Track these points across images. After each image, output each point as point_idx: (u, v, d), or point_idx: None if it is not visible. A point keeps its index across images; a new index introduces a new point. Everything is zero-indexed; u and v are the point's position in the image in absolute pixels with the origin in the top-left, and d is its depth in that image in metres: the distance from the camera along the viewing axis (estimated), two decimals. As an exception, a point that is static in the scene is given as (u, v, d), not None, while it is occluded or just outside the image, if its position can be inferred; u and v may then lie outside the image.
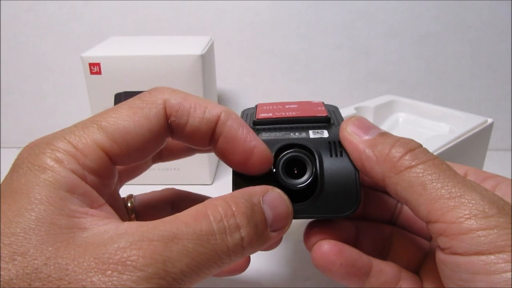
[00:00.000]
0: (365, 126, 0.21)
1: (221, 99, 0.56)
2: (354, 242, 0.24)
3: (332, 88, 0.57)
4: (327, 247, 0.21)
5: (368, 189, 0.25)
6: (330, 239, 0.22)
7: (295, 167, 0.21)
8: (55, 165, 0.17)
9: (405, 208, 0.25)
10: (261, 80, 0.56)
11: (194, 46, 0.40)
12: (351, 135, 0.21)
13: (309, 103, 0.26)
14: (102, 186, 0.18)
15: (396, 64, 0.55)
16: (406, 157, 0.19)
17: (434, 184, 0.17)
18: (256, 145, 0.20)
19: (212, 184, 0.45)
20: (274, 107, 0.26)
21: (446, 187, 0.17)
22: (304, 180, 0.21)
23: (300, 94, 0.57)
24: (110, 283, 0.14)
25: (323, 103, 0.26)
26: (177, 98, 0.20)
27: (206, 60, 0.40)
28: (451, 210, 0.17)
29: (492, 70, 0.54)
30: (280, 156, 0.21)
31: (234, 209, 0.17)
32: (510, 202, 0.19)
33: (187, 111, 0.20)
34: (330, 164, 0.21)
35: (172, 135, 0.21)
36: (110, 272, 0.14)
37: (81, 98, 0.53)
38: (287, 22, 0.53)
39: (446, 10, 0.52)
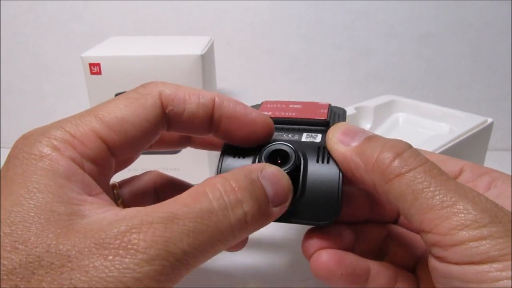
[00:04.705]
0: (351, 132, 0.21)
1: (221, 99, 0.56)
2: (352, 247, 0.23)
3: (332, 88, 0.57)
4: (326, 257, 0.21)
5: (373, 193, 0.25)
6: (328, 248, 0.21)
7: (278, 158, 0.21)
8: (53, 153, 0.17)
9: None
10: (261, 80, 0.56)
11: (194, 46, 0.40)
12: (337, 144, 0.20)
13: (314, 104, 0.26)
14: (99, 176, 0.18)
15: (396, 64, 0.55)
16: (395, 163, 0.18)
17: (425, 193, 0.17)
18: (257, 116, 0.21)
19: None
20: (278, 106, 0.25)
21: (438, 196, 0.17)
22: (284, 168, 0.20)
23: (300, 94, 0.57)
24: (112, 267, 0.14)
25: (329, 105, 0.26)
26: (171, 88, 0.20)
27: (206, 60, 0.40)
28: (443, 221, 0.16)
29: (492, 70, 0.54)
30: (265, 147, 0.21)
31: (234, 185, 0.17)
32: (505, 202, 0.19)
33: (183, 99, 0.20)
34: (315, 169, 0.21)
35: (169, 127, 0.21)
36: (111, 256, 0.14)
37: (81, 98, 0.53)
38: (287, 22, 0.53)
39: (446, 10, 0.52)
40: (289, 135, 0.22)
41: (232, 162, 0.22)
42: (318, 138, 0.22)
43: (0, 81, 0.55)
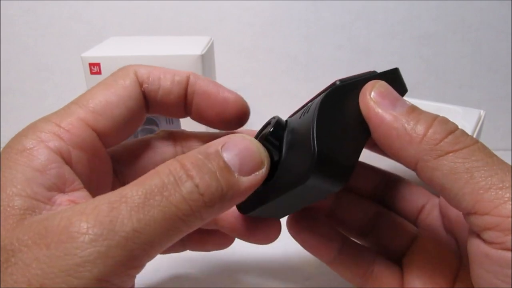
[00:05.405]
0: (392, 96, 0.18)
1: (221, 99, 0.56)
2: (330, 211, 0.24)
3: (332, 88, 0.57)
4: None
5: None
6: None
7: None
8: (35, 146, 0.17)
9: (396, 188, 0.24)
10: (261, 80, 0.56)
11: (194, 46, 0.40)
12: (377, 104, 0.18)
13: None
14: (91, 165, 0.18)
15: (396, 64, 0.55)
16: (447, 140, 0.16)
17: (483, 172, 0.15)
18: (230, 95, 0.21)
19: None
20: None
21: (496, 176, 0.15)
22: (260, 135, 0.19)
23: (300, 94, 0.57)
24: (53, 256, 0.13)
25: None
26: (146, 68, 0.21)
27: (206, 60, 0.40)
28: (505, 202, 0.15)
29: (492, 70, 0.54)
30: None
31: (184, 162, 0.16)
32: None
33: (158, 77, 0.21)
34: (294, 125, 0.19)
35: (148, 109, 0.21)
36: (53, 244, 0.13)
37: (81, 98, 0.53)
38: (287, 22, 0.53)
39: (446, 10, 0.52)
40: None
41: None
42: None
43: (0, 81, 0.55)
